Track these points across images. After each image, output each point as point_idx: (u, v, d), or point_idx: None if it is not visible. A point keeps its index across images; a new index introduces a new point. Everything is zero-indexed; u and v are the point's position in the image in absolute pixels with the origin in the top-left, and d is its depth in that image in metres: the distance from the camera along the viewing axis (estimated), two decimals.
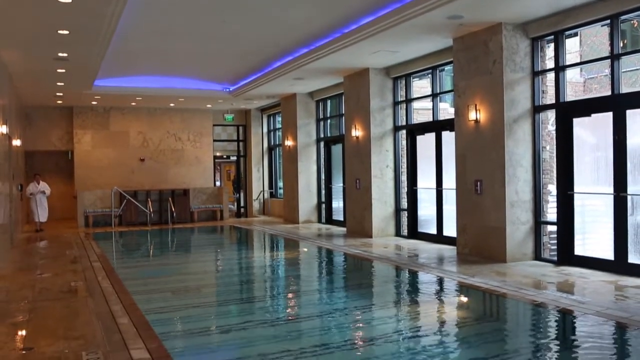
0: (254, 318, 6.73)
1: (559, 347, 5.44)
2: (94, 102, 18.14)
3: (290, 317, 6.86)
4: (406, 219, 13.09)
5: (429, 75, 12.15)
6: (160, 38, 11.21)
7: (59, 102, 17.63)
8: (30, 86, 14.59)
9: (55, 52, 10.69)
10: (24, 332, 5.96)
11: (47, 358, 5.00)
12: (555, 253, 9.14)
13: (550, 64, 9.39)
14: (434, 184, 11.97)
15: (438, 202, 11.89)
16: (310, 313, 6.93)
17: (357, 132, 13.55)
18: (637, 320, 5.74)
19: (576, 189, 8.79)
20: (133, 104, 18.75)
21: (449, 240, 11.22)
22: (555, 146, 9.20)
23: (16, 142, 14.21)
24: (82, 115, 18.95)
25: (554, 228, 9.25)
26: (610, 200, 8.22)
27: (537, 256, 9.38)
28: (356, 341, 5.71)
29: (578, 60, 15.13)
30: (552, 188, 9.51)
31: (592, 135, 8.97)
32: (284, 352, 5.18)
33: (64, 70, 12.40)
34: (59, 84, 14.23)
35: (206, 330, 6.16)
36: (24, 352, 5.25)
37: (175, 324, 6.42)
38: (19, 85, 14.33)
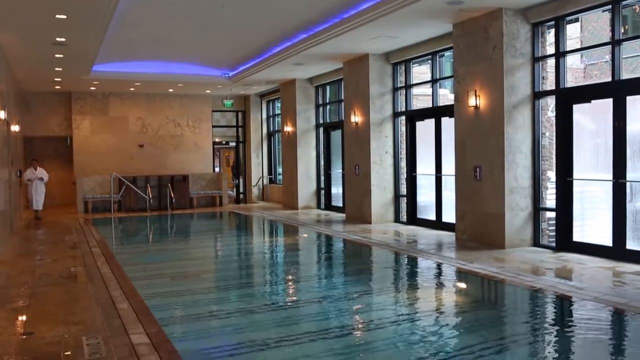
0: (253, 304, 6.76)
1: (556, 333, 5.47)
2: (92, 88, 18.07)
3: (290, 303, 6.89)
4: (405, 205, 13.10)
5: (429, 61, 12.10)
6: (159, 23, 11.15)
7: (57, 87, 17.55)
8: (28, 71, 14.52)
9: (53, 37, 10.62)
10: (24, 317, 5.99)
11: (47, 343, 5.03)
12: (554, 239, 9.17)
13: (550, 49, 9.35)
14: (433, 170, 11.96)
15: (437, 188, 11.89)
16: (310, 299, 6.95)
17: (356, 118, 13.52)
18: (635, 306, 5.77)
19: (575, 175, 8.79)
20: (132, 89, 18.68)
21: (448, 227, 11.25)
22: (554, 132, 9.18)
23: (15, 128, 14.17)
24: (80, 101, 18.89)
25: (552, 214, 9.26)
26: (609, 187, 8.22)
27: (536, 242, 9.41)
28: (355, 326, 5.74)
29: (579, 46, 15.06)
30: (552, 174, 9.51)
31: (591, 121, 8.95)
32: (284, 338, 5.21)
33: (62, 55, 12.32)
34: (57, 69, 14.16)
35: (206, 315, 6.19)
36: (24, 337, 5.28)
37: (174, 310, 6.44)
38: (17, 71, 14.26)
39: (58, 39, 10.78)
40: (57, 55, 12.31)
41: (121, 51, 13.83)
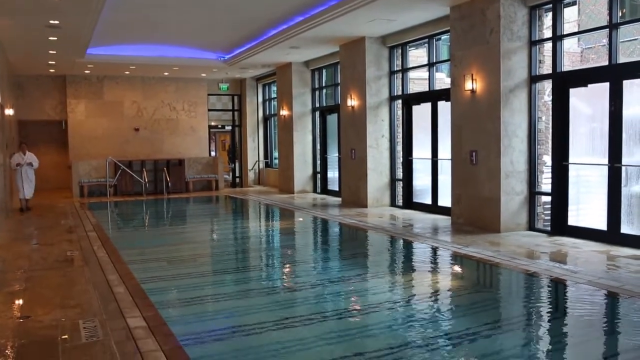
0: (250, 287, 6.79)
1: (550, 316, 5.52)
2: (87, 71, 17.94)
3: (286, 286, 6.92)
4: (401, 189, 13.12)
5: (426, 45, 12.04)
6: (154, 5, 11.03)
7: (52, 70, 17.42)
8: (22, 55, 14.39)
9: (46, 20, 10.51)
10: (20, 301, 6.00)
11: (44, 326, 5.04)
12: (549, 223, 9.20)
13: (547, 33, 9.30)
14: (429, 154, 11.97)
15: (433, 172, 11.91)
16: (306, 282, 6.98)
17: (352, 101, 13.48)
18: (628, 289, 5.81)
19: (571, 159, 8.81)
20: (127, 73, 18.56)
21: (444, 211, 11.28)
22: (551, 117, 9.18)
23: (9, 112, 14.09)
24: (75, 85, 18.76)
25: (548, 198, 9.29)
26: (604, 171, 8.24)
27: (531, 226, 9.44)
28: (351, 310, 5.77)
29: (576, 30, 14.98)
30: (547, 159, 9.53)
31: (588, 105, 8.95)
32: (280, 321, 5.24)
33: (55, 38, 12.21)
34: (51, 52, 14.04)
35: (202, 299, 6.21)
36: (21, 320, 5.29)
37: (171, 293, 6.46)
38: (10, 54, 14.14)
39: (52, 22, 10.68)
40: (50, 38, 12.20)
41: (116, 34, 13.71)
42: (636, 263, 6.92)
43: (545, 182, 9.48)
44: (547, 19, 9.31)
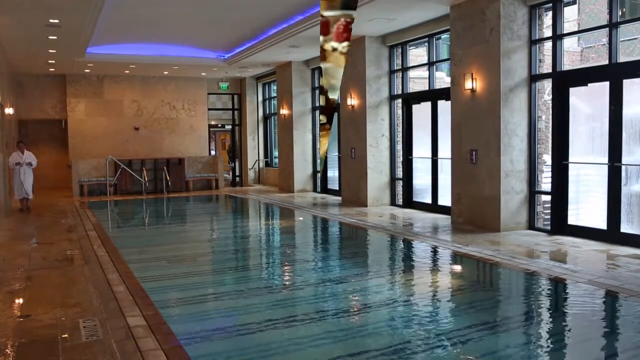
0: (249, 286, 6.79)
1: (550, 315, 5.52)
2: (87, 70, 17.94)
3: (286, 285, 6.92)
4: (401, 188, 13.12)
5: (426, 44, 12.04)
6: (154, 4, 11.03)
7: (52, 69, 17.42)
8: (21, 54, 14.39)
9: (46, 19, 10.51)
10: (20, 300, 6.00)
11: (44, 325, 5.04)
12: (549, 222, 9.21)
13: (547, 32, 9.30)
14: (429, 154, 11.97)
15: (433, 171, 11.91)
16: (307, 281, 6.98)
17: (352, 100, 13.47)
18: (628, 288, 5.81)
19: (571, 158, 8.81)
20: (127, 72, 18.55)
21: (444, 210, 11.28)
22: (551, 116, 9.18)
23: (9, 111, 14.08)
24: (75, 84, 18.76)
25: (548, 198, 9.29)
26: (604, 170, 8.24)
27: (531, 225, 9.45)
28: (351, 309, 5.77)
29: (576, 29, 14.98)
30: (547, 158, 9.53)
31: (588, 105, 8.95)
32: (280, 320, 5.24)
33: (55, 37, 12.21)
34: (51, 51, 14.04)
35: (202, 298, 6.21)
36: (20, 319, 5.29)
37: (171, 292, 6.45)
38: (10, 53, 14.13)
39: (51, 21, 10.67)
40: (50, 37, 12.20)
41: (116, 33, 13.70)
42: (636, 262, 6.93)
43: (545, 181, 9.48)
44: (547, 18, 9.31)
